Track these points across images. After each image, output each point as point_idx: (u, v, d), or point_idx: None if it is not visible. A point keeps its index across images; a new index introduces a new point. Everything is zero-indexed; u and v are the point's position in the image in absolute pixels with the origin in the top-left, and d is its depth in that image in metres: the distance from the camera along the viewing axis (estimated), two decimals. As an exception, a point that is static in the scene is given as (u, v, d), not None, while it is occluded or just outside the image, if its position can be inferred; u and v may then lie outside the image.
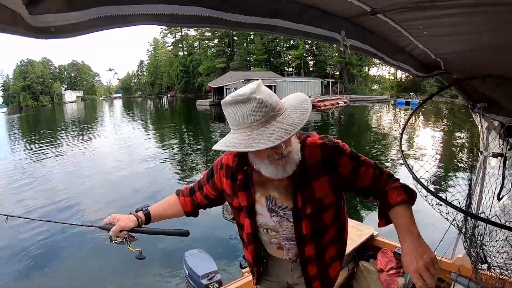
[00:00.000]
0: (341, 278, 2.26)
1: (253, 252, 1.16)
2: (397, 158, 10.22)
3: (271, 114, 0.85)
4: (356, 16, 0.87)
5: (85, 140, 17.70)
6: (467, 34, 0.89)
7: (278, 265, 1.21)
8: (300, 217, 1.02)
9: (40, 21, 0.42)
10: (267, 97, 0.86)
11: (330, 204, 1.03)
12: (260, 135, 0.83)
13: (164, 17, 0.56)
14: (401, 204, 0.94)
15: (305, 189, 0.99)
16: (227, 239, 4.97)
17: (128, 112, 39.68)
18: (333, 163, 0.99)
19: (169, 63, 69.34)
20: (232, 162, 1.08)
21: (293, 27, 0.79)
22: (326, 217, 1.05)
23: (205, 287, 2.92)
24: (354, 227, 2.45)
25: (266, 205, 1.06)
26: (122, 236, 1.14)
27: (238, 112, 0.86)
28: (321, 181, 0.99)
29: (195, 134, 17.83)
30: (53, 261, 4.93)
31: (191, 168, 10.52)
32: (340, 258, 1.19)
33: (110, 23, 0.50)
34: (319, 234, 1.05)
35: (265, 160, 0.92)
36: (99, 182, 9.04)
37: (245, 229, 1.12)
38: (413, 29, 0.93)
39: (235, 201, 1.11)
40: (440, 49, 1.12)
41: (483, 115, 1.51)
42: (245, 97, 0.84)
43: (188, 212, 1.27)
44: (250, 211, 1.08)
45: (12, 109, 68.62)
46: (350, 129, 17.73)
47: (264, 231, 1.11)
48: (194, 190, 1.26)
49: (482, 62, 1.15)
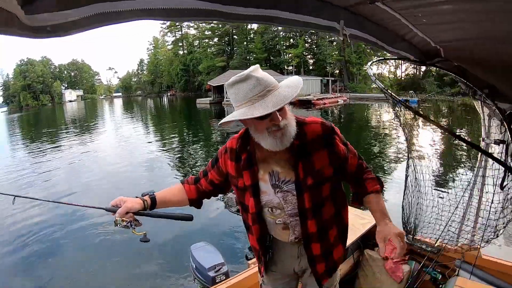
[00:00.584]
0: (346, 267, 2.31)
1: (258, 233, 1.19)
2: (396, 155, 10.25)
3: (268, 89, 0.97)
4: (355, 5, 0.88)
5: (85, 138, 17.70)
6: (467, 22, 0.90)
7: (284, 252, 1.23)
8: (302, 190, 1.08)
9: (36, 20, 0.42)
10: (264, 76, 0.98)
11: (329, 176, 1.11)
12: (259, 106, 0.95)
13: (159, 12, 0.55)
14: (376, 192, 1.18)
15: (306, 161, 1.07)
16: (233, 232, 5.01)
17: (128, 111, 39.63)
18: (332, 137, 1.11)
19: (169, 62, 69.19)
20: (236, 144, 1.15)
21: (292, 17, 0.80)
22: (325, 189, 1.12)
23: (212, 279, 2.95)
24: (358, 216, 2.49)
25: (270, 181, 1.11)
26: (128, 219, 1.14)
27: (240, 90, 0.98)
28: (320, 154, 1.09)
29: (195, 132, 17.84)
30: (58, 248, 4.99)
31: (191, 164, 10.54)
32: (343, 241, 1.24)
33: (105, 20, 0.50)
34: (319, 208, 1.12)
35: (264, 133, 1.00)
36: (99, 178, 9.06)
37: (250, 209, 1.15)
38: (412, 17, 0.94)
39: (240, 182, 1.15)
40: (439, 37, 1.13)
41: (484, 102, 1.53)
42: (245, 76, 0.97)
43: (192, 200, 1.29)
44: (254, 189, 1.12)
45: (13, 108, 68.45)
46: (350, 127, 17.73)
47: (269, 210, 1.15)
48: (199, 178, 1.30)
49: (482, 49, 1.15)
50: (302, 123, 1.09)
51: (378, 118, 21.23)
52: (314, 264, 1.17)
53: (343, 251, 1.24)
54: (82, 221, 5.87)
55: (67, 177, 9.56)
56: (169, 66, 68.64)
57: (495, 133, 1.62)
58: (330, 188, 1.13)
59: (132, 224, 1.15)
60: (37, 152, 14.08)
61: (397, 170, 8.40)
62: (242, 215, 1.25)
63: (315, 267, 1.18)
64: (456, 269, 1.98)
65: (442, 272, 2.05)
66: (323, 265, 1.18)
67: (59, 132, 21.56)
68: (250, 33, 53.09)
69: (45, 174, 9.99)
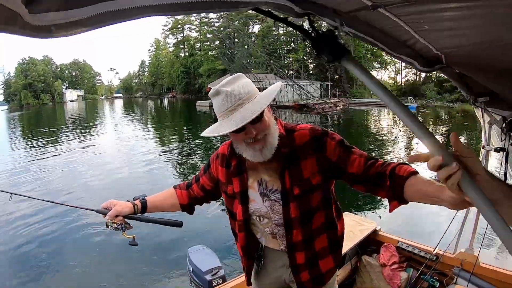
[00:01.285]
0: (344, 272, 2.29)
1: (244, 241, 1.16)
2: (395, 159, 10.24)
3: (239, 103, 0.94)
4: (356, 11, 0.87)
5: (85, 138, 17.68)
6: (469, 29, 0.89)
7: (274, 260, 1.20)
8: (288, 200, 1.04)
9: (40, 19, 0.41)
10: (236, 88, 0.95)
11: (317, 185, 1.05)
12: (228, 121, 0.93)
13: (165, 7, 0.54)
14: (415, 173, 0.88)
15: (293, 169, 1.03)
16: (230, 235, 4.95)
17: (128, 112, 39.69)
18: (321, 141, 1.03)
19: (170, 64, 69.46)
20: (227, 150, 1.14)
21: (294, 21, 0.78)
22: (314, 199, 1.05)
23: (209, 282, 2.94)
24: (357, 222, 2.49)
25: (258, 189, 1.09)
26: (118, 222, 1.17)
27: (215, 104, 0.97)
28: (308, 162, 1.03)
29: (194, 134, 17.88)
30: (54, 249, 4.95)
31: (189, 166, 10.56)
32: (334, 254, 1.16)
33: (110, 18, 0.49)
34: (307, 217, 1.06)
35: (243, 145, 0.99)
36: (96, 178, 9.04)
37: (237, 216, 1.13)
38: (414, 23, 0.93)
39: (229, 188, 1.14)
40: (441, 44, 1.11)
41: (485, 109, 1.54)
42: (215, 91, 0.96)
43: (183, 205, 1.29)
44: (243, 196, 1.10)
45: (13, 107, 68.51)
46: (349, 132, 17.77)
47: (257, 219, 1.13)
48: (191, 183, 1.30)
49: (484, 56, 1.15)
50: (291, 131, 1.06)
51: (377, 123, 21.29)
52: (297, 272, 1.12)
53: (333, 264, 1.16)
54: (79, 221, 5.84)
55: (65, 176, 9.54)
56: (170, 68, 68.88)
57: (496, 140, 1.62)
58: (321, 197, 1.07)
59: (123, 226, 1.18)
60: (37, 151, 14.06)
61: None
62: (230, 222, 1.23)
63: (298, 275, 1.12)
64: (454, 277, 1.98)
65: (440, 279, 2.04)
66: (307, 273, 1.12)
67: (60, 132, 21.56)
68: (251, 37, 53.34)
69: (44, 172, 9.98)
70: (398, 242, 2.28)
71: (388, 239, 2.34)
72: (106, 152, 13.29)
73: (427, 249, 2.14)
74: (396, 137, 14.99)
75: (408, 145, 13.42)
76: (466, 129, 16.57)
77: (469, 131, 15.20)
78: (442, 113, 25.90)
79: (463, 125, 18.46)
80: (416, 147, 12.81)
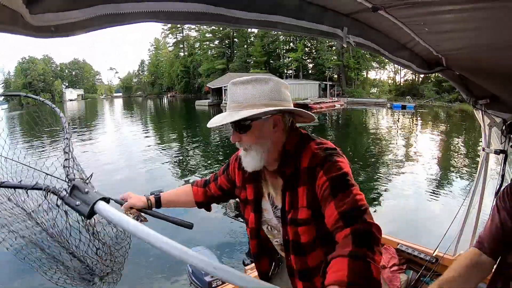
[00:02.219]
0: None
1: (254, 248, 1.16)
2: (392, 160, 10.25)
3: (235, 105, 0.94)
4: (357, 13, 0.88)
5: (85, 138, 17.66)
6: (469, 31, 0.90)
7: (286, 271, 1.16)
8: (286, 221, 0.98)
9: (41, 20, 0.42)
10: (248, 92, 0.92)
11: (305, 220, 0.93)
12: (217, 118, 0.96)
13: (163, 14, 0.55)
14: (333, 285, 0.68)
15: (291, 194, 0.97)
16: (231, 237, 4.97)
17: (128, 111, 39.64)
18: (313, 172, 0.91)
19: (169, 63, 69.29)
20: None
21: (294, 23, 0.79)
22: (305, 234, 0.94)
23: (208, 284, 2.95)
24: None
25: (269, 201, 1.08)
26: (133, 214, 1.19)
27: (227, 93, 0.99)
28: (302, 191, 0.94)
29: (193, 133, 17.88)
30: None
31: (189, 165, 10.56)
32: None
33: (109, 21, 0.50)
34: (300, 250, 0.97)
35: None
36: (97, 178, 9.01)
37: (249, 224, 1.12)
38: (415, 25, 0.94)
39: (243, 194, 1.13)
40: (441, 46, 1.12)
41: (485, 111, 1.53)
42: (232, 83, 0.96)
43: (198, 202, 1.29)
44: (255, 205, 1.09)
45: (13, 106, 68.43)
46: (346, 132, 17.80)
47: (269, 228, 1.11)
48: (209, 181, 1.28)
49: (484, 58, 1.14)
50: (301, 148, 0.96)
51: (375, 122, 21.30)
52: None
53: None
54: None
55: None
56: (169, 68, 68.74)
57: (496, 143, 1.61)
58: (314, 236, 0.94)
59: (139, 219, 1.20)
60: (37, 150, 14.04)
61: (395, 174, 8.42)
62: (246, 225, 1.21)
63: None
64: (454, 279, 1.97)
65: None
66: None
67: (60, 131, 21.47)
68: (251, 37, 53.28)
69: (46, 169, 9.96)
70: (397, 244, 2.27)
71: (388, 241, 2.33)
72: (105, 151, 13.29)
73: (427, 251, 2.13)
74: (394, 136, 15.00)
75: (406, 144, 13.43)
76: (464, 129, 16.59)
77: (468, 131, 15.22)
78: (440, 112, 25.92)
79: (461, 124, 18.47)
80: (414, 146, 12.83)
